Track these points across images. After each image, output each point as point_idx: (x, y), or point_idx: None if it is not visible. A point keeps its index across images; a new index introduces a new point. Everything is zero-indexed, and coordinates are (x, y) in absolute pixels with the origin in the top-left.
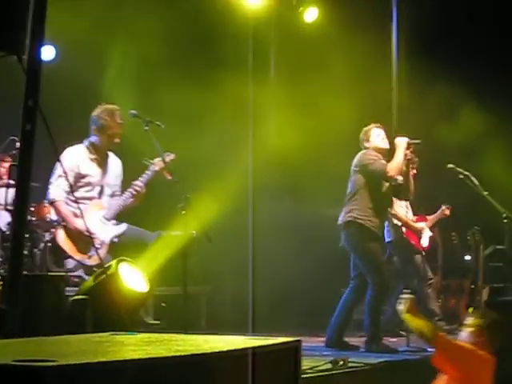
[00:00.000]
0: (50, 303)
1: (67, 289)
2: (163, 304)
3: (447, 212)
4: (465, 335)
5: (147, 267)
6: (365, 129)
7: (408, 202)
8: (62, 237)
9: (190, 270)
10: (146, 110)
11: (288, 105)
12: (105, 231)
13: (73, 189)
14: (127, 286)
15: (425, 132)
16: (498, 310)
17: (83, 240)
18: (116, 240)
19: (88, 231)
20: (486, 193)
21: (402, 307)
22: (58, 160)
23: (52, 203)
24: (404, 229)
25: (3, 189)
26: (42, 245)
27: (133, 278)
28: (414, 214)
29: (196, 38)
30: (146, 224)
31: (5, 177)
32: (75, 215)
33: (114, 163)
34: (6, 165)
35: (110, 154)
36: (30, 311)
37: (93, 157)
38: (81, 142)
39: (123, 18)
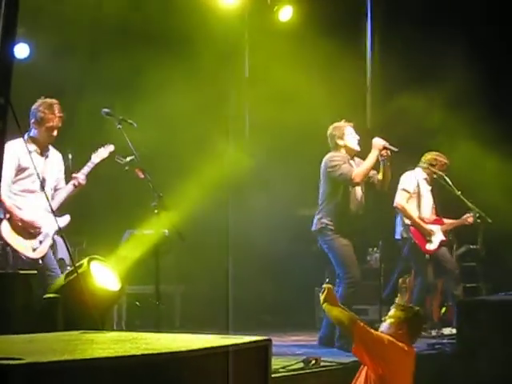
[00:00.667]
0: (21, 301)
1: None
2: (137, 303)
3: (470, 220)
4: (385, 326)
5: (119, 266)
6: (336, 125)
7: (433, 201)
8: (6, 230)
9: (163, 268)
10: (120, 109)
11: (262, 103)
12: (48, 223)
13: (14, 182)
14: (99, 285)
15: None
16: (470, 309)
17: (27, 233)
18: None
19: (33, 223)
20: (459, 192)
21: (321, 296)
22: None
23: None
24: (412, 228)
25: None
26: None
27: (104, 277)
28: (437, 215)
29: (170, 38)
30: (119, 222)
31: None
32: (18, 208)
33: (55, 157)
34: None
35: (51, 147)
36: (1, 309)
37: (32, 149)
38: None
39: (99, 16)
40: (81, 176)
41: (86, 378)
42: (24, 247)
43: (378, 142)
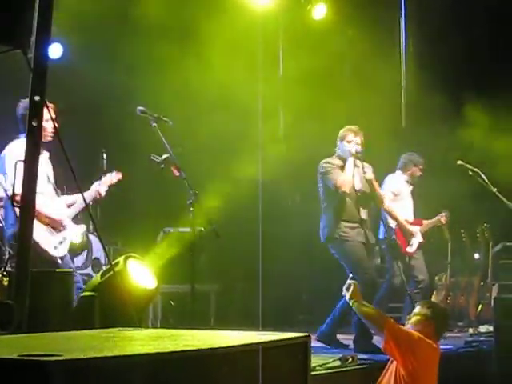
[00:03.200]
0: (58, 300)
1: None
2: (172, 302)
3: (443, 220)
4: (412, 324)
5: (155, 264)
6: (341, 131)
7: (412, 202)
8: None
9: (198, 267)
10: (154, 106)
11: (296, 102)
12: (69, 228)
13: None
14: (135, 283)
15: (431, 130)
16: (507, 306)
17: (52, 229)
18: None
19: (61, 221)
20: (495, 190)
21: (347, 294)
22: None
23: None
24: (395, 229)
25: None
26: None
27: (141, 275)
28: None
29: (206, 36)
30: (154, 221)
31: None
32: (45, 206)
33: (46, 160)
34: None
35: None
36: (38, 307)
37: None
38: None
39: (132, 15)
40: (105, 188)
41: (126, 374)
42: (48, 243)
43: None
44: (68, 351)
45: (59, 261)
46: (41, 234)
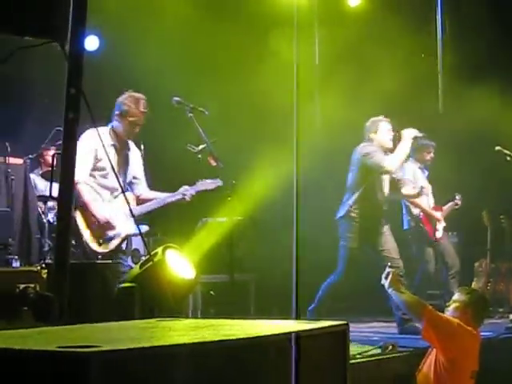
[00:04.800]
0: (97, 291)
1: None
2: (212, 292)
3: (458, 202)
4: (451, 311)
5: (193, 254)
6: (373, 119)
7: (430, 189)
8: (78, 219)
9: (237, 256)
10: (190, 96)
11: (332, 91)
12: (124, 225)
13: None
14: (174, 273)
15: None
16: None
17: (98, 227)
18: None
19: (108, 221)
20: None
21: (386, 282)
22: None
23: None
24: (421, 217)
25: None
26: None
27: (179, 265)
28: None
29: (239, 25)
30: (192, 211)
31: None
32: (94, 202)
33: (134, 153)
34: (51, 153)
35: (131, 143)
36: (77, 299)
37: (111, 142)
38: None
39: (166, 6)
40: (191, 191)
41: (165, 365)
42: (90, 238)
43: (408, 133)
44: (107, 342)
45: (99, 257)
46: (85, 231)
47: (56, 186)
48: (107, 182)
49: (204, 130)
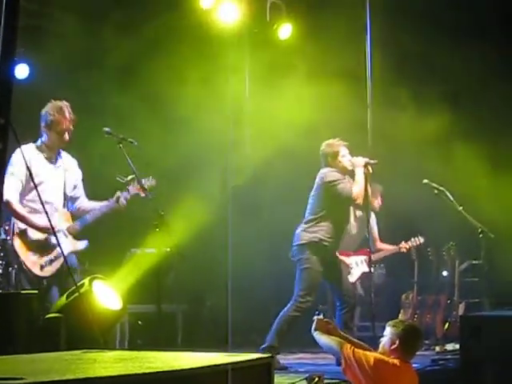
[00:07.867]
0: (23, 321)
1: None
2: (139, 322)
3: (403, 250)
4: (382, 343)
5: (121, 285)
6: (331, 142)
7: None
8: (17, 244)
9: (165, 287)
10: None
11: (262, 118)
12: (63, 245)
13: (26, 189)
14: (100, 304)
15: (396, 150)
16: (474, 324)
17: (38, 249)
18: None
19: (52, 232)
20: (460, 208)
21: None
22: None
23: (6, 204)
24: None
25: None
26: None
27: (106, 296)
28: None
29: (170, 55)
30: (121, 242)
31: None
32: (33, 214)
33: (69, 162)
34: None
35: (63, 153)
36: (3, 330)
37: (44, 155)
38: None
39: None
40: (126, 196)
41: None
42: (32, 262)
43: (359, 161)
44: (31, 374)
45: (44, 282)
46: (26, 255)
47: None
48: (46, 197)
49: (133, 160)
